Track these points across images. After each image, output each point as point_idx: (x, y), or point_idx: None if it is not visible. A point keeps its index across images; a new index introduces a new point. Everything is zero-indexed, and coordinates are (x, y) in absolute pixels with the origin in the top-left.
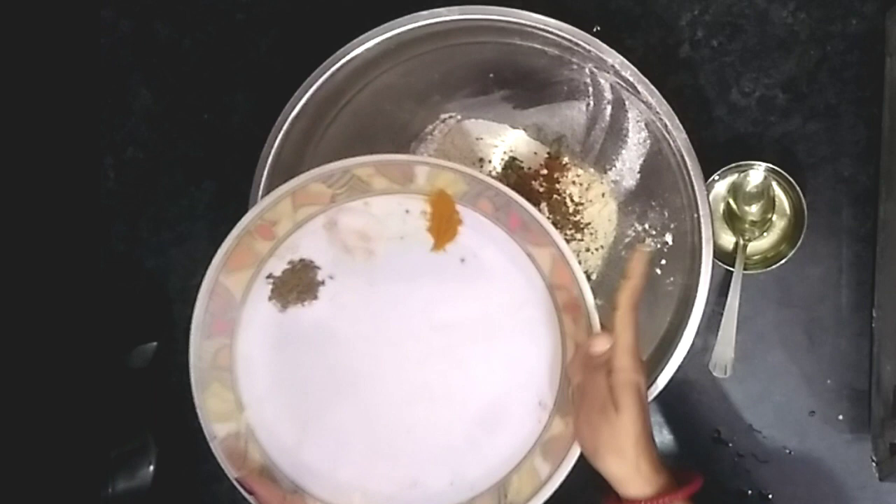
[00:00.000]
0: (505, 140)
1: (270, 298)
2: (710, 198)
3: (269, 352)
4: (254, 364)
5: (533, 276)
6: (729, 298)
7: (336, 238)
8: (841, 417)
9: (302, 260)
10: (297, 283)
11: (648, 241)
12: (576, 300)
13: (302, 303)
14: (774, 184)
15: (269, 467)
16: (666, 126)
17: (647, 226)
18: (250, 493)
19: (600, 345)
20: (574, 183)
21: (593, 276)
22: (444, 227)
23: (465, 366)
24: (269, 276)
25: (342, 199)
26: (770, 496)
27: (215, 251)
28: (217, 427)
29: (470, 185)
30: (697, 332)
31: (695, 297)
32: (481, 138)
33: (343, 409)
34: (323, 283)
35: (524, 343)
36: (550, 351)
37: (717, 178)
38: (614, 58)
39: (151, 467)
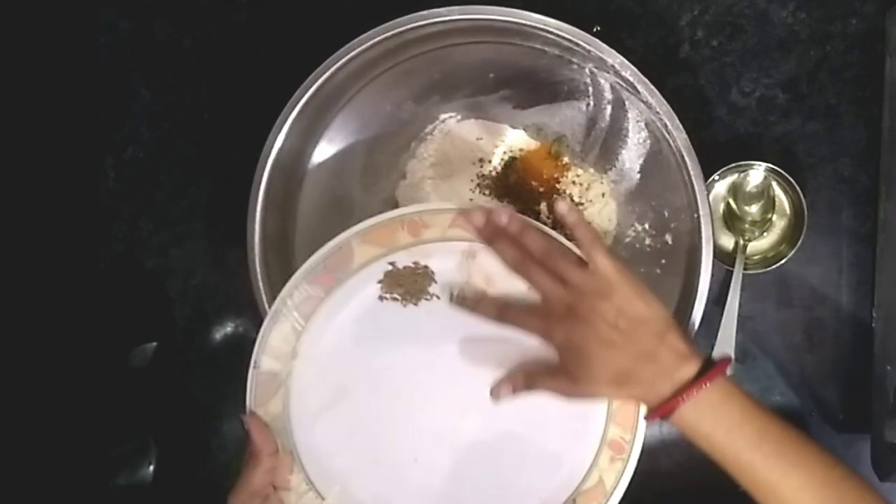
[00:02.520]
0: (505, 140)
1: (380, 282)
2: (710, 198)
3: (345, 323)
4: (327, 326)
5: None
6: (729, 298)
7: (466, 268)
8: (841, 417)
9: (427, 267)
10: (411, 284)
11: (648, 240)
12: None
13: (402, 302)
14: (774, 184)
15: (280, 420)
16: (666, 126)
17: (647, 226)
18: (247, 433)
19: (563, 206)
20: (574, 183)
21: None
22: None
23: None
24: (391, 264)
25: None
26: None
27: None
28: (265, 360)
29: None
30: (697, 332)
31: (695, 297)
32: (481, 138)
33: (370, 409)
34: (430, 298)
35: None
36: None
37: (717, 178)
38: (614, 58)
39: (151, 467)
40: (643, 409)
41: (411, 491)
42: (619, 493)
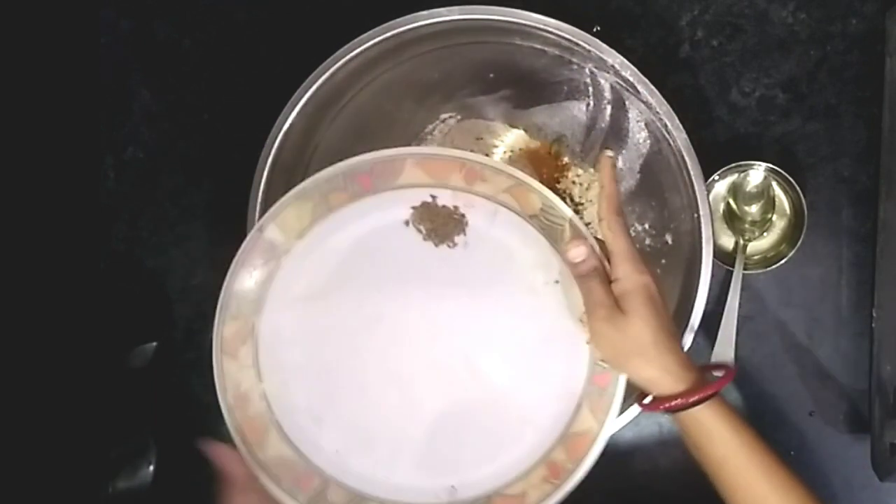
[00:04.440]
0: (505, 140)
1: (414, 208)
2: (710, 198)
3: (361, 231)
4: (344, 226)
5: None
6: (729, 298)
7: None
8: (841, 417)
9: (463, 216)
10: (441, 225)
11: (648, 240)
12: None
13: (424, 236)
14: (774, 184)
15: (258, 291)
16: (666, 126)
17: (647, 226)
18: (207, 461)
19: (576, 254)
20: (574, 183)
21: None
22: None
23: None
24: (433, 197)
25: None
26: None
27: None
28: (272, 228)
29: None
30: (697, 332)
31: (695, 297)
32: (481, 138)
33: (342, 322)
34: (452, 245)
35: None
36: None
37: (717, 178)
38: (614, 58)
39: (151, 467)
40: (596, 448)
41: (344, 415)
42: None
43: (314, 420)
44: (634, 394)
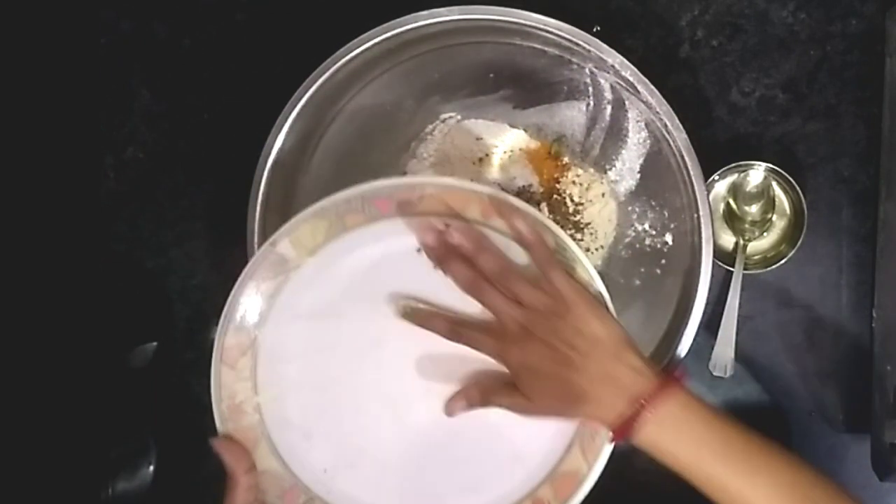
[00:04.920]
0: (505, 140)
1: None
2: (710, 198)
3: (374, 253)
4: (357, 247)
5: None
6: (729, 298)
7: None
8: (841, 417)
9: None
10: None
11: (648, 240)
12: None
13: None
14: (774, 184)
15: (266, 303)
16: (666, 126)
17: (647, 226)
18: (218, 457)
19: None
20: (574, 183)
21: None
22: None
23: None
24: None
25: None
26: None
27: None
28: (284, 242)
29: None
30: (697, 332)
31: (695, 297)
32: (481, 138)
33: (343, 342)
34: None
35: None
36: None
37: (717, 178)
38: (614, 58)
39: (151, 467)
40: (583, 489)
41: (335, 434)
42: None
43: (305, 436)
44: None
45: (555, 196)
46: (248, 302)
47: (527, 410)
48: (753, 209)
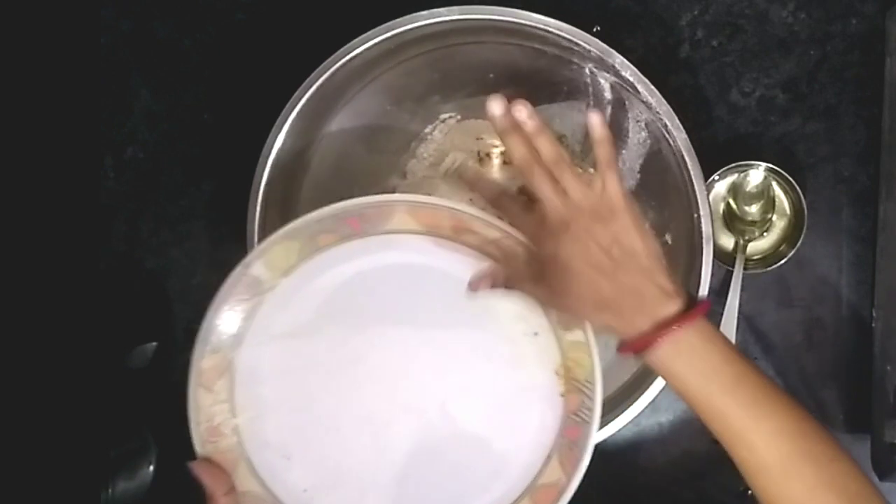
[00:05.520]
0: None
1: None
2: (710, 198)
3: (348, 272)
4: (331, 266)
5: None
6: (729, 298)
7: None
8: (841, 417)
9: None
10: None
11: None
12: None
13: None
14: (774, 184)
15: (241, 325)
16: (666, 126)
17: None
18: (196, 480)
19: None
20: None
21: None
22: None
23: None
24: None
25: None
26: None
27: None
28: (258, 265)
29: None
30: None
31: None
32: (481, 138)
33: (321, 361)
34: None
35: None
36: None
37: (717, 178)
38: (614, 58)
39: (151, 467)
40: (563, 501)
41: (314, 454)
42: None
43: (284, 457)
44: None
45: (589, 106)
46: (223, 324)
47: (549, 302)
48: (753, 209)
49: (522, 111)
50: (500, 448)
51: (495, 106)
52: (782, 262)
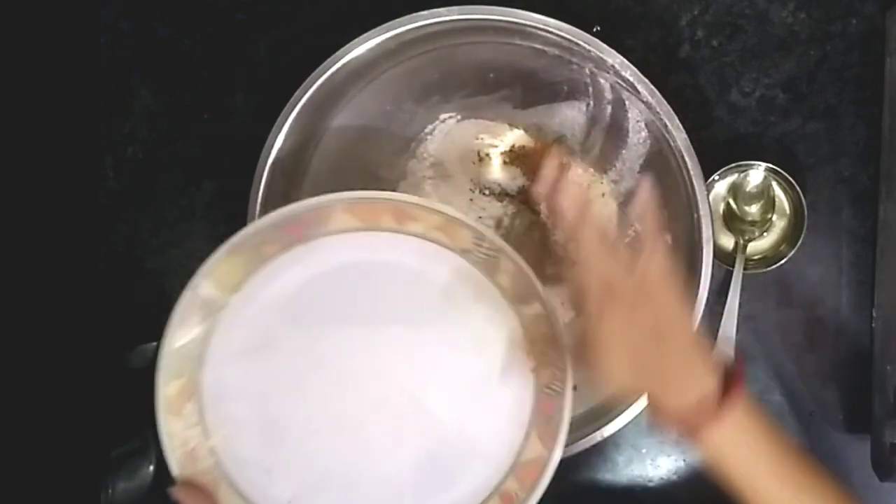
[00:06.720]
0: (505, 140)
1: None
2: (710, 198)
3: (297, 279)
4: (279, 275)
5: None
6: (729, 298)
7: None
8: (841, 417)
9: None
10: None
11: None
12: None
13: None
14: (774, 184)
15: (197, 346)
16: (666, 126)
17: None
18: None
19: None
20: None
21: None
22: None
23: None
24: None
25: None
26: None
27: (215, 251)
28: (206, 284)
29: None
30: (697, 333)
31: (695, 297)
32: (481, 138)
33: (286, 371)
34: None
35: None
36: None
37: (717, 178)
38: (614, 58)
39: (151, 467)
40: (547, 474)
41: (294, 463)
42: None
43: (264, 471)
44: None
45: (643, 175)
46: (181, 349)
47: (588, 363)
48: (753, 209)
49: (573, 180)
50: (479, 430)
51: (551, 166)
52: (782, 262)
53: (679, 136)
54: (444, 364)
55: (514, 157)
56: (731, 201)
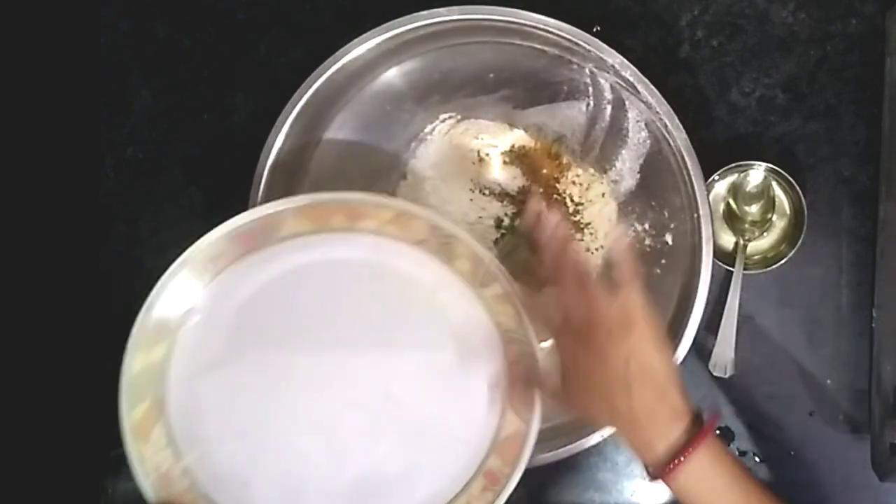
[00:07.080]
0: (505, 140)
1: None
2: (710, 198)
3: (254, 289)
4: (236, 287)
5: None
6: (729, 298)
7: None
8: (841, 417)
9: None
10: None
11: (648, 240)
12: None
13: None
14: (774, 184)
15: (158, 369)
16: (666, 126)
17: (647, 226)
18: None
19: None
20: (574, 183)
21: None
22: None
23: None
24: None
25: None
26: None
27: (167, 270)
28: (160, 305)
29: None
30: (697, 332)
31: (695, 297)
32: (481, 138)
33: (254, 383)
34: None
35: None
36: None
37: (717, 178)
38: (614, 58)
39: None
40: (528, 447)
41: (272, 473)
42: None
43: (242, 486)
44: None
45: (554, 196)
46: (142, 373)
47: (567, 404)
48: (753, 209)
49: (552, 220)
50: (456, 416)
51: (536, 203)
52: (782, 262)
53: (679, 136)
54: (412, 356)
55: (514, 157)
56: (731, 201)
